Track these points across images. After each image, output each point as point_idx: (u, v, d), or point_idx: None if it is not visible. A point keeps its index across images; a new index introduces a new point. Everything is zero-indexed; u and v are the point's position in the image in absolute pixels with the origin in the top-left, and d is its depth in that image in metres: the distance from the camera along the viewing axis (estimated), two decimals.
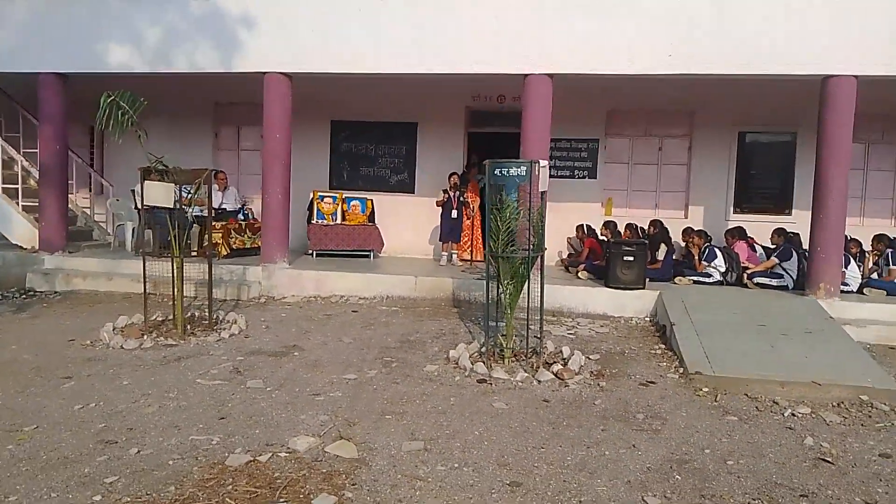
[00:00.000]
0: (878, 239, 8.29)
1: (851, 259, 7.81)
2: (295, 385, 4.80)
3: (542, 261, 5.74)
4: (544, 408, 4.54)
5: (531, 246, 5.47)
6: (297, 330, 6.53)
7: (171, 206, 5.95)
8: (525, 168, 5.34)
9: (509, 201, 5.44)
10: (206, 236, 6.58)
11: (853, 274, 7.74)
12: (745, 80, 7.67)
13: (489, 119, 10.76)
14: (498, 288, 5.72)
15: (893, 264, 7.77)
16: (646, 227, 9.00)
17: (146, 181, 5.93)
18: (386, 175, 10.85)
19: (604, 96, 9.88)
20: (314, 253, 9.78)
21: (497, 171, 5.41)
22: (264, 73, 8.18)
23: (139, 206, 8.92)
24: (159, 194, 5.88)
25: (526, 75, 7.69)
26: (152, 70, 8.37)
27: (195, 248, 8.45)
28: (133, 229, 9.85)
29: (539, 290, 5.63)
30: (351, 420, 4.17)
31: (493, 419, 4.28)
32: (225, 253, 8.98)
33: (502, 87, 10.12)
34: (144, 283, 6.18)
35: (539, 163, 5.40)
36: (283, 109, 8.24)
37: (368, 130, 10.79)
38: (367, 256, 9.94)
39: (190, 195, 6.06)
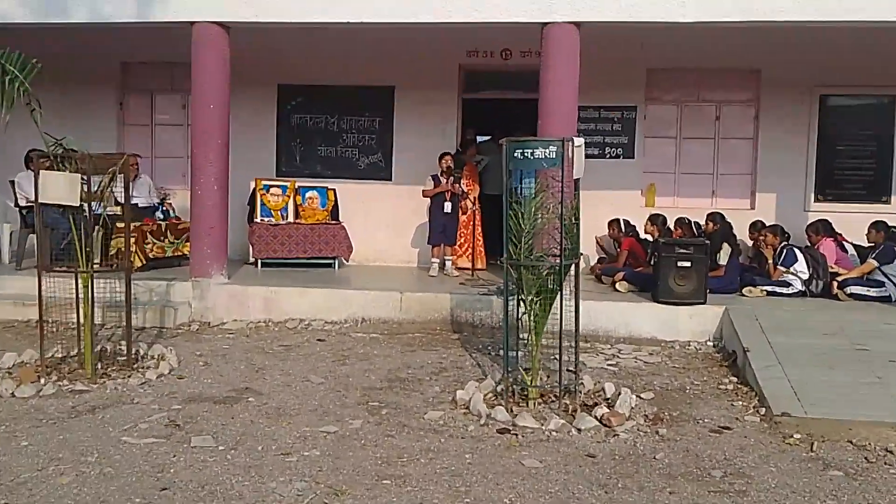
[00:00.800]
0: None
1: None
2: (256, 442, 4.80)
3: (578, 271, 5.82)
4: (590, 465, 4.60)
5: (563, 251, 5.53)
6: (248, 367, 6.53)
7: (76, 204, 5.91)
8: (555, 148, 5.42)
9: (537, 192, 5.52)
10: (124, 242, 6.54)
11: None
12: (829, 27, 7.84)
13: (490, 81, 10.89)
14: (518, 306, 5.79)
15: None
16: (702, 223, 9.14)
17: (42, 171, 5.88)
18: (353, 156, 10.91)
19: (643, 51, 10.05)
20: (258, 262, 9.81)
21: (518, 153, 5.48)
22: (193, 22, 8.19)
23: (26, 202, 8.87)
24: (60, 188, 5.85)
25: (545, 24, 7.79)
26: (44, 20, 8.33)
27: (99, 259, 8.39)
28: (11, 234, 9.75)
29: (573, 308, 5.70)
30: (337, 488, 4.19)
31: (525, 482, 4.33)
32: (140, 264, 8.94)
33: (507, 40, 10.25)
34: (41, 305, 6.13)
35: (573, 141, 5.47)
36: (219, 72, 8.26)
37: (329, 97, 10.86)
38: (331, 266, 10.00)
39: (101, 189, 6.03)
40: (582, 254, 5.88)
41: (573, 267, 5.74)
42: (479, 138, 12.03)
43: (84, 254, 6.06)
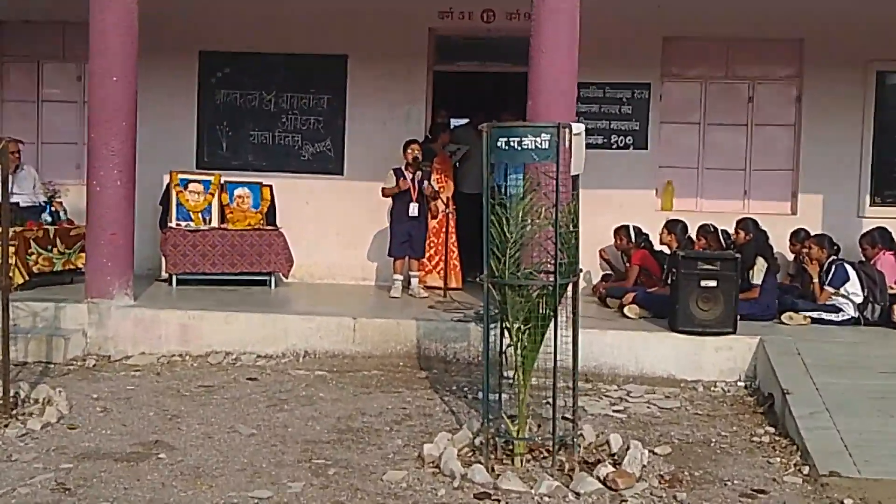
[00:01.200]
0: None
1: None
2: None
3: (576, 291, 5.84)
4: None
5: (559, 267, 5.56)
6: (159, 413, 6.48)
7: None
8: (549, 137, 5.44)
9: (525, 192, 5.55)
10: (1, 253, 6.45)
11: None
12: None
13: (468, 50, 10.98)
14: (502, 336, 5.80)
15: None
16: (731, 231, 9.23)
17: None
18: (295, 144, 10.96)
19: (659, 15, 10.18)
20: (173, 278, 9.79)
21: (503, 143, 5.49)
22: None
23: None
24: None
25: None
26: None
27: None
28: None
29: (570, 339, 5.72)
30: None
31: None
32: (20, 280, 8.84)
33: None
34: None
35: (571, 128, 5.51)
36: (125, 34, 8.24)
37: (264, 69, 10.89)
38: (265, 283, 10.00)
39: None
40: (581, 270, 5.90)
41: (570, 286, 5.76)
42: (454, 122, 12.10)
43: None
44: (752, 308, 8.31)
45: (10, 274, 8.56)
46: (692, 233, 9.24)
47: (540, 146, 5.46)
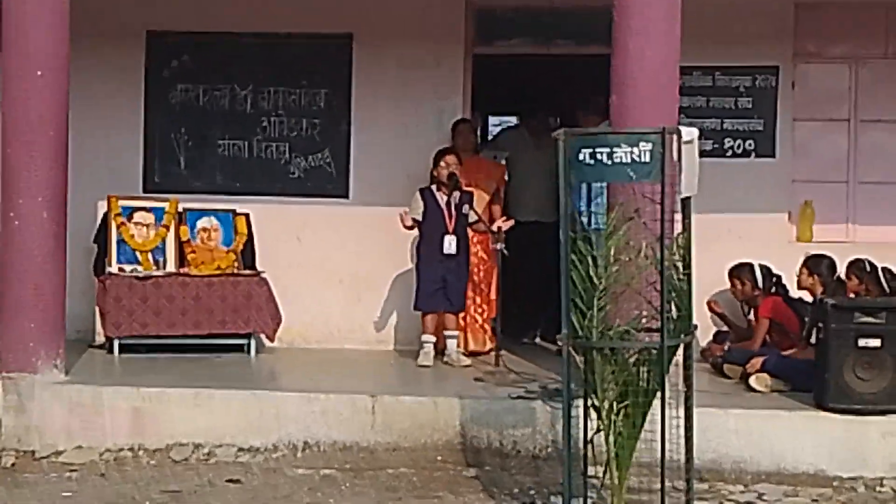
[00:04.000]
0: None
1: None
2: None
3: (690, 357, 6.02)
4: None
5: (666, 324, 5.72)
6: None
7: None
8: (651, 146, 5.62)
9: (614, 220, 5.73)
10: None
11: None
12: None
13: (520, 27, 11.15)
14: (586, 418, 5.97)
15: None
16: (895, 271, 9.33)
17: None
18: (280, 157, 11.14)
19: None
20: (115, 345, 9.94)
21: (586, 155, 5.68)
22: None
23: None
24: None
25: None
26: None
27: None
28: None
29: (681, 421, 5.89)
30: None
31: None
32: None
33: None
34: None
35: (681, 134, 5.69)
36: (54, 12, 8.43)
37: (237, 56, 11.11)
38: (242, 349, 10.17)
39: None
40: (696, 326, 6.07)
41: (681, 349, 5.93)
42: (493, 123, 12.24)
43: None
44: None
45: None
46: (842, 272, 9.32)
47: (638, 159, 5.63)
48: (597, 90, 10.93)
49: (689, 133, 5.77)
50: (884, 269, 9.23)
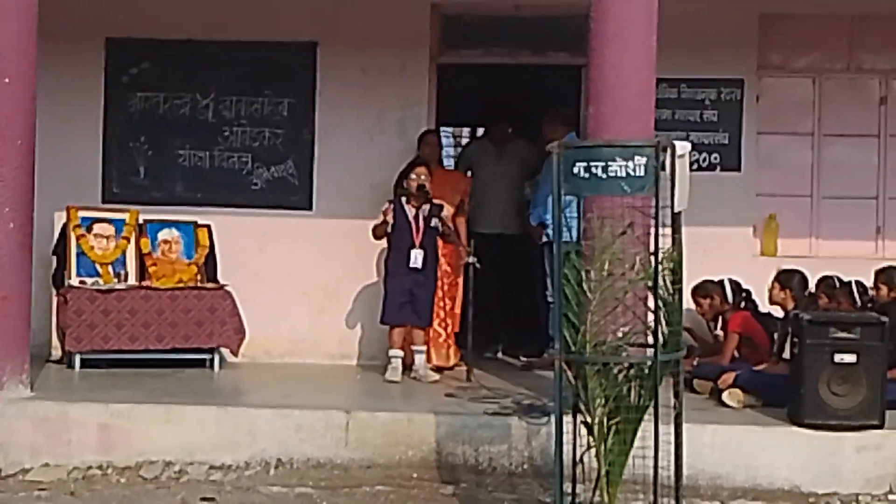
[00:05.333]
0: None
1: None
2: None
3: (679, 373, 6.06)
4: None
5: (659, 339, 5.76)
6: None
7: None
8: (644, 160, 5.65)
9: (607, 238, 5.76)
10: None
11: None
12: None
13: (486, 35, 11.18)
14: (575, 436, 5.99)
15: None
16: (868, 283, 9.42)
17: None
18: (242, 167, 11.15)
19: None
20: (75, 359, 9.92)
21: (580, 168, 5.70)
22: None
23: None
24: None
25: None
26: None
27: None
28: None
29: (673, 441, 5.92)
30: None
31: None
32: None
33: None
34: None
35: (675, 148, 5.73)
36: (22, 18, 8.44)
37: (199, 61, 11.10)
38: (204, 364, 10.16)
39: None
40: (684, 347, 6.13)
41: (674, 367, 5.98)
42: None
43: None
44: None
45: None
46: (811, 285, 9.39)
47: (633, 173, 5.66)
48: (563, 100, 11.14)
49: (683, 147, 5.80)
50: (857, 282, 9.31)
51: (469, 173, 11.71)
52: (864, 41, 10.86)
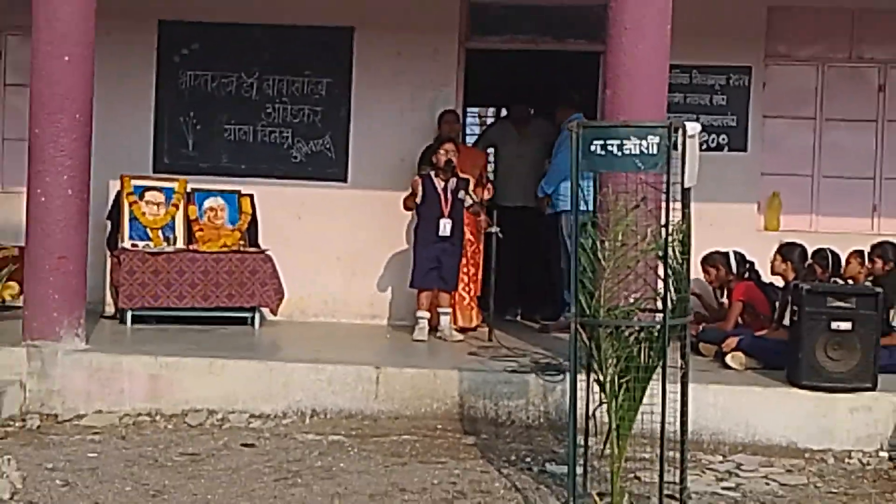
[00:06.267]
0: None
1: None
2: None
3: (686, 336, 6.12)
4: None
5: (668, 305, 5.82)
6: (137, 489, 6.64)
7: None
8: (657, 139, 5.72)
9: (621, 211, 5.82)
10: None
11: None
12: None
13: (510, 22, 11.21)
14: (588, 393, 6.05)
15: None
16: (863, 258, 9.45)
17: None
18: (283, 142, 11.21)
19: None
20: (127, 315, 10.02)
21: (597, 146, 5.77)
22: None
23: None
24: None
25: None
26: None
27: None
28: None
29: (678, 397, 5.99)
30: None
31: None
32: None
33: None
34: None
35: (685, 128, 5.79)
36: (80, 2, 8.49)
37: (244, 44, 11.16)
38: (246, 322, 10.24)
39: None
40: (692, 312, 6.18)
41: (681, 332, 6.05)
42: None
43: None
44: (892, 357, 8.49)
45: None
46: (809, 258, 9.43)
47: (646, 151, 5.74)
48: (582, 84, 11.18)
49: (693, 128, 5.87)
50: (862, 252, 9.36)
51: (491, 151, 11.82)
52: (864, 33, 10.88)
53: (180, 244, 10.39)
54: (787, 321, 8.64)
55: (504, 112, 14.71)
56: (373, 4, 10.88)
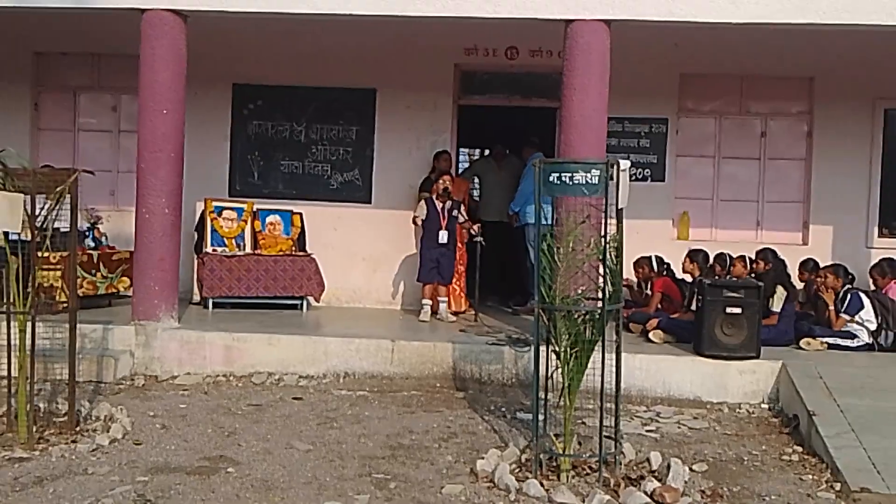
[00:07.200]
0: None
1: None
2: None
3: (619, 318, 6.15)
4: None
5: (606, 295, 5.85)
6: (216, 431, 6.71)
7: (17, 230, 6.11)
8: (598, 173, 5.75)
9: (571, 225, 5.85)
10: (69, 275, 6.72)
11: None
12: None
13: (491, 85, 11.27)
14: (547, 360, 6.07)
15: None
16: (749, 260, 9.49)
17: None
18: (324, 174, 11.21)
19: (676, 53, 10.49)
20: (209, 302, 10.04)
21: (554, 177, 5.80)
22: (145, 10, 8.46)
23: None
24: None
25: (570, 21, 8.18)
26: None
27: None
28: None
29: (614, 363, 6.01)
30: None
31: None
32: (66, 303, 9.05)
33: (513, 36, 10.63)
34: None
35: (619, 164, 5.82)
36: (174, 69, 8.57)
37: (295, 100, 11.16)
38: (296, 307, 10.26)
39: (49, 211, 6.26)
40: (623, 300, 6.21)
41: (616, 315, 6.07)
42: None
43: (22, 291, 6.23)
44: (770, 333, 8.54)
45: (58, 297, 8.88)
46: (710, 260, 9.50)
47: (590, 181, 5.78)
48: (540, 130, 11.22)
49: (625, 164, 5.90)
50: (748, 257, 9.38)
51: (476, 180, 11.92)
52: (750, 93, 10.90)
53: (248, 249, 10.40)
54: (693, 307, 8.72)
55: (487, 151, 14.72)
56: (390, 72, 10.86)
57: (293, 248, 10.55)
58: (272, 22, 9.26)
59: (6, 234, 6.29)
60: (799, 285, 9.93)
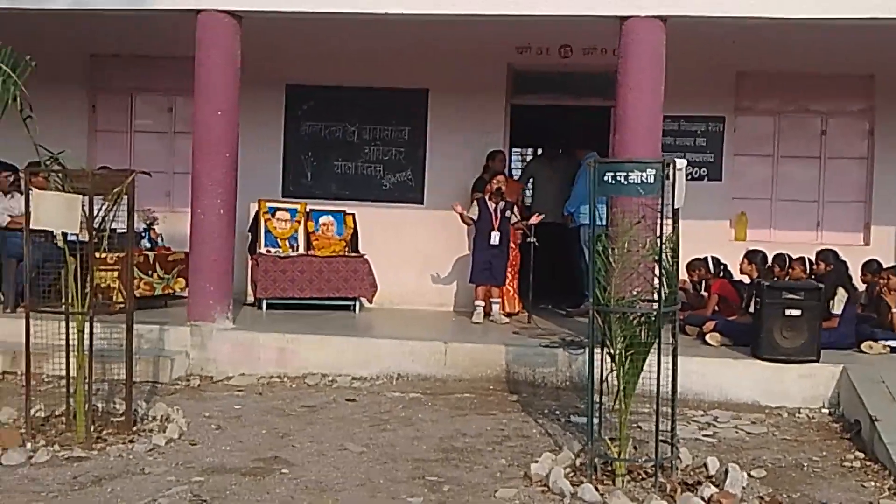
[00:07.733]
0: None
1: None
2: None
3: (676, 320, 6.08)
4: None
5: (662, 296, 5.79)
6: (269, 432, 6.76)
7: (76, 230, 6.22)
8: (654, 172, 5.69)
9: (626, 225, 5.81)
10: (127, 277, 6.82)
11: None
12: None
13: (544, 84, 11.21)
14: (602, 362, 6.03)
15: None
16: (809, 261, 9.35)
17: (36, 191, 6.19)
18: (376, 174, 11.24)
19: (733, 50, 10.37)
20: (262, 303, 10.11)
21: (609, 177, 5.75)
22: (199, 10, 8.56)
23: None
24: (56, 212, 6.13)
25: (625, 18, 8.13)
26: (23, 5, 8.77)
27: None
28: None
29: (670, 366, 5.94)
30: None
31: None
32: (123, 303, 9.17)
33: (567, 34, 10.59)
34: (28, 354, 6.38)
35: (675, 163, 5.76)
36: (228, 71, 8.66)
37: (348, 101, 11.20)
38: (349, 308, 10.29)
39: (107, 212, 6.35)
40: (680, 302, 6.16)
41: (672, 317, 6.01)
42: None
43: (80, 292, 6.32)
44: (831, 337, 8.40)
45: (114, 297, 9.01)
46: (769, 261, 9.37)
47: (646, 181, 5.70)
48: (594, 130, 11.16)
49: (681, 163, 5.85)
50: (808, 259, 9.27)
51: (530, 181, 11.88)
52: (809, 91, 10.75)
53: (301, 250, 10.45)
54: (751, 309, 8.63)
55: (539, 151, 14.65)
56: (442, 72, 10.86)
57: (346, 249, 10.60)
58: (324, 22, 9.32)
59: (65, 234, 6.38)
60: (860, 287, 9.79)
